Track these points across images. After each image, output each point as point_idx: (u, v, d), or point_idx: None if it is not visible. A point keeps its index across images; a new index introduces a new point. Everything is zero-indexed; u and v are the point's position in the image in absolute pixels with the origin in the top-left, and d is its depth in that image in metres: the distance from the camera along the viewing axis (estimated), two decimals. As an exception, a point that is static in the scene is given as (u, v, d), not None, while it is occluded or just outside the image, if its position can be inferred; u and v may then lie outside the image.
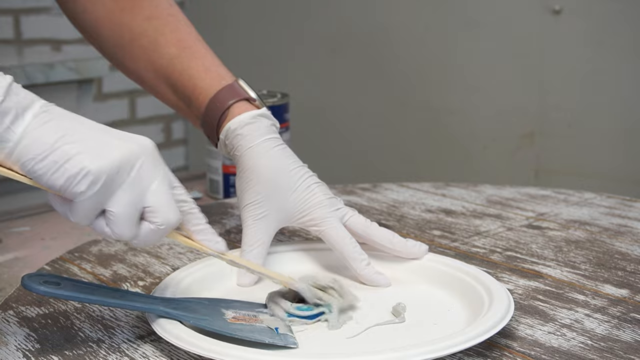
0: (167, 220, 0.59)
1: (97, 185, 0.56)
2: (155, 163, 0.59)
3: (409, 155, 1.87)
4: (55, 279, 0.61)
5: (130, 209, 0.58)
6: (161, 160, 0.60)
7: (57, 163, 0.55)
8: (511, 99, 1.69)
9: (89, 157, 0.55)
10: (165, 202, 0.59)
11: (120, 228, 0.58)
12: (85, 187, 0.55)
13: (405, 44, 1.83)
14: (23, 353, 0.62)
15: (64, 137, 0.56)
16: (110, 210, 0.57)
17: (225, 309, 0.65)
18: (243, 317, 0.64)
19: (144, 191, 0.58)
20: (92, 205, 0.57)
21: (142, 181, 0.58)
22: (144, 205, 0.58)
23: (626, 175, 1.55)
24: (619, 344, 0.62)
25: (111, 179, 0.56)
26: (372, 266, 0.73)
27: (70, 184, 0.55)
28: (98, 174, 0.55)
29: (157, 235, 0.60)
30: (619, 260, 0.81)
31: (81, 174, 0.55)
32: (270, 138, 0.77)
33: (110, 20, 0.85)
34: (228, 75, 0.82)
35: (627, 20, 1.51)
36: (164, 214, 0.59)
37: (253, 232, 0.75)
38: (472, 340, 0.58)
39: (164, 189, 0.59)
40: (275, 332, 0.62)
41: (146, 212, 0.59)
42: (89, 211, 0.57)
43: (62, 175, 0.55)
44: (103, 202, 0.57)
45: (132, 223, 0.58)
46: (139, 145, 0.58)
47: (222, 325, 0.62)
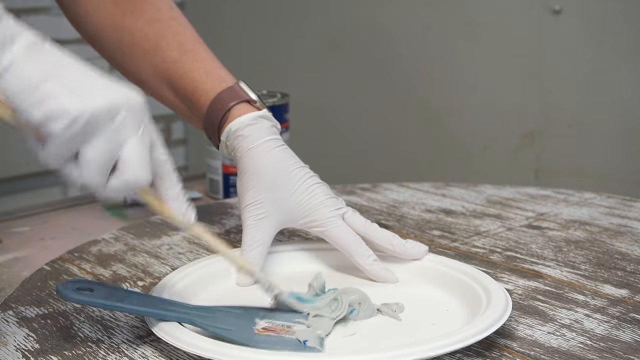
0: (136, 176, 0.58)
1: (74, 126, 0.54)
2: (139, 118, 0.58)
3: (409, 155, 1.87)
4: (88, 284, 0.61)
5: (103, 157, 0.56)
6: (146, 115, 0.59)
7: (38, 100, 0.54)
8: (511, 99, 1.69)
9: (72, 98, 0.54)
10: (139, 159, 0.58)
11: (89, 174, 0.56)
12: (61, 127, 0.54)
13: (406, 44, 1.83)
14: (22, 353, 0.62)
15: (50, 74, 0.55)
16: (83, 153, 0.56)
17: (260, 318, 0.64)
18: (274, 328, 0.63)
19: (120, 143, 0.57)
20: (66, 146, 0.55)
21: (121, 133, 0.57)
22: (117, 158, 0.57)
23: (626, 175, 1.55)
24: (619, 344, 0.62)
25: (90, 123, 0.55)
26: (379, 262, 0.74)
27: (48, 121, 0.54)
28: (78, 116, 0.54)
29: (124, 189, 0.58)
30: (618, 260, 0.81)
31: (60, 113, 0.54)
32: (271, 139, 0.77)
33: (112, 23, 0.85)
34: (229, 78, 0.82)
35: (627, 20, 1.51)
36: (134, 169, 0.58)
37: (253, 232, 0.75)
38: (469, 339, 0.58)
39: (141, 146, 0.58)
40: (302, 344, 0.61)
41: (119, 164, 0.57)
42: (62, 152, 0.56)
43: (41, 112, 0.54)
44: (77, 145, 0.56)
45: (102, 171, 0.57)
46: (126, 96, 0.57)
47: (245, 336, 0.61)
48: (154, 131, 0.60)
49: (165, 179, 0.62)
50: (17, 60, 0.54)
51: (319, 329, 0.63)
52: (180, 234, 0.91)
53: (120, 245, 0.88)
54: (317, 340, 0.61)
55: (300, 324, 0.64)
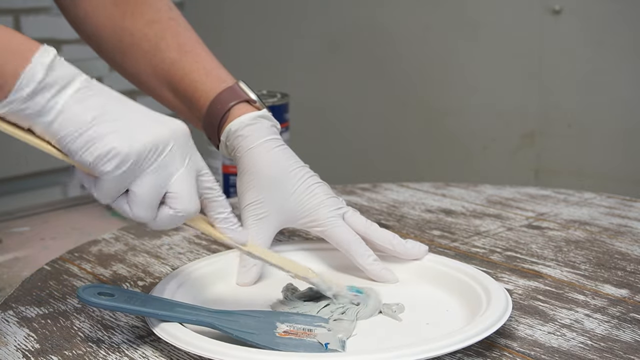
0: (185, 208, 0.60)
1: (124, 166, 0.57)
2: (184, 149, 0.60)
3: (409, 155, 1.87)
4: (109, 289, 0.62)
5: (152, 192, 0.59)
6: (192, 146, 0.61)
7: (89, 141, 0.56)
8: (511, 99, 1.69)
9: (120, 138, 0.57)
10: (187, 191, 0.60)
11: (139, 209, 0.59)
12: (112, 167, 0.57)
13: (406, 44, 1.83)
14: (23, 353, 0.62)
15: (100, 115, 0.57)
16: (133, 190, 0.58)
17: (281, 322, 0.64)
18: (295, 332, 0.63)
19: (168, 177, 0.59)
20: (117, 185, 0.58)
21: (168, 167, 0.59)
22: (166, 191, 0.59)
23: (626, 175, 1.55)
24: (619, 344, 0.62)
25: (139, 161, 0.57)
26: (379, 262, 0.74)
27: (99, 163, 0.57)
28: (126, 156, 0.57)
29: (175, 221, 0.61)
30: (618, 260, 0.81)
31: (110, 154, 0.56)
32: (271, 139, 0.77)
33: (111, 24, 0.85)
34: (228, 78, 0.82)
35: (627, 20, 1.51)
36: (184, 202, 0.60)
37: (253, 232, 0.75)
38: (470, 339, 0.58)
39: (188, 178, 0.60)
40: (323, 347, 0.61)
41: (167, 198, 0.60)
42: (113, 190, 0.58)
43: (93, 153, 0.57)
44: (127, 182, 0.58)
45: (152, 206, 0.59)
46: (171, 129, 0.59)
47: (267, 339, 0.61)
48: (200, 158, 0.62)
49: (214, 204, 0.64)
50: (69, 104, 0.57)
51: (340, 332, 0.63)
52: (181, 234, 0.91)
53: (120, 245, 0.88)
54: (338, 343, 0.61)
55: (321, 327, 0.64)
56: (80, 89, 0.57)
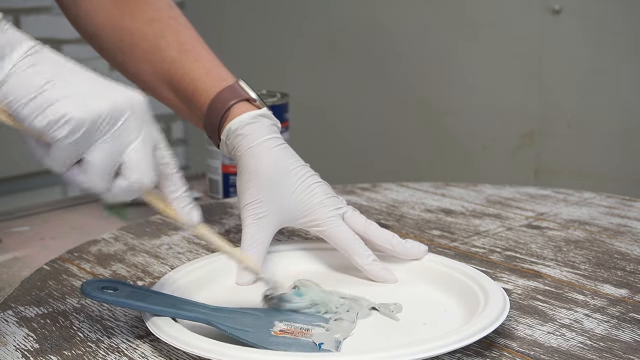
0: (140, 179, 0.58)
1: (78, 133, 0.55)
2: (141, 119, 0.58)
3: (409, 155, 1.87)
4: (112, 284, 0.62)
5: (107, 162, 0.57)
6: (149, 117, 0.59)
7: (41, 107, 0.54)
8: (511, 99, 1.69)
9: (74, 103, 0.55)
10: (143, 162, 0.58)
11: (94, 179, 0.57)
12: (65, 133, 0.55)
13: (405, 44, 1.83)
14: (22, 353, 0.62)
15: (51, 82, 0.55)
16: (87, 160, 0.57)
17: (280, 321, 0.64)
18: (292, 331, 0.63)
19: (124, 147, 0.57)
20: (70, 153, 0.56)
21: (124, 136, 0.57)
22: (121, 161, 0.58)
23: (626, 175, 1.55)
24: (619, 344, 0.62)
25: (93, 129, 0.55)
26: (378, 262, 0.74)
27: (52, 129, 0.55)
28: (80, 122, 0.55)
29: (130, 192, 0.59)
30: (618, 260, 0.81)
31: (63, 120, 0.54)
32: (272, 138, 0.77)
33: (112, 24, 0.85)
34: (229, 77, 0.82)
35: (627, 21, 1.51)
36: (139, 173, 0.58)
37: (253, 232, 0.75)
38: (468, 339, 0.58)
39: (145, 148, 0.58)
40: (317, 347, 0.61)
41: (123, 168, 0.58)
42: (66, 158, 0.56)
43: (45, 119, 0.54)
44: (81, 151, 0.56)
45: (106, 175, 0.57)
46: (128, 98, 0.58)
47: (261, 338, 0.61)
48: (157, 132, 0.61)
49: (169, 180, 0.62)
50: (18, 69, 0.55)
51: (338, 332, 0.63)
52: (180, 234, 0.91)
53: (120, 245, 0.88)
54: (334, 343, 0.61)
55: (320, 327, 0.64)
56: (31, 53, 0.56)
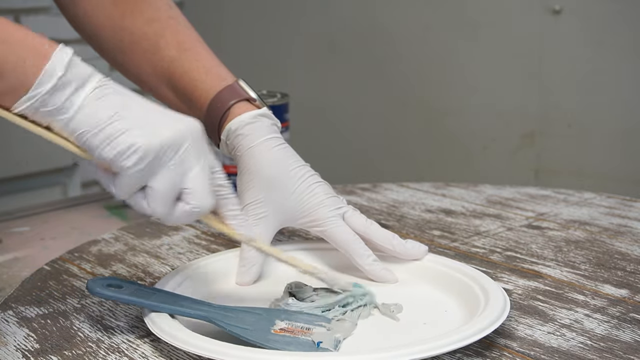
0: (201, 204, 0.61)
1: (144, 161, 0.58)
2: (200, 146, 0.61)
3: (409, 155, 1.87)
4: (117, 282, 0.64)
5: (169, 188, 0.60)
6: (206, 143, 0.62)
7: (109, 137, 0.58)
8: (511, 99, 1.69)
9: (140, 134, 0.58)
10: (203, 187, 0.61)
11: (157, 204, 0.60)
12: (132, 163, 0.58)
13: (405, 44, 1.83)
14: (22, 353, 0.62)
15: (119, 112, 0.58)
16: (151, 186, 0.59)
17: (282, 319, 0.64)
18: (292, 329, 0.63)
19: (185, 173, 0.60)
20: (136, 180, 0.59)
21: (185, 163, 0.60)
22: (182, 187, 0.61)
23: (626, 175, 1.55)
24: (619, 344, 0.62)
25: (158, 157, 0.59)
26: (378, 262, 0.74)
27: (120, 158, 0.58)
28: (147, 151, 0.58)
29: (190, 216, 0.62)
30: (618, 260, 0.81)
31: (131, 150, 0.58)
32: (271, 137, 0.77)
33: (111, 23, 0.85)
34: (228, 76, 0.82)
35: (627, 20, 1.51)
36: (199, 198, 0.61)
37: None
38: (468, 339, 0.58)
39: (204, 174, 0.61)
40: (315, 345, 0.61)
41: (184, 194, 0.61)
42: (132, 185, 0.59)
43: (114, 149, 0.58)
44: (146, 178, 0.59)
45: (168, 201, 0.60)
46: (187, 127, 0.61)
47: (260, 336, 0.61)
48: (213, 156, 0.64)
49: (226, 202, 0.66)
50: (88, 100, 0.58)
51: (338, 332, 0.63)
52: (180, 234, 0.91)
53: (120, 245, 0.88)
54: (333, 342, 0.61)
55: (321, 326, 0.64)
56: (99, 86, 0.59)
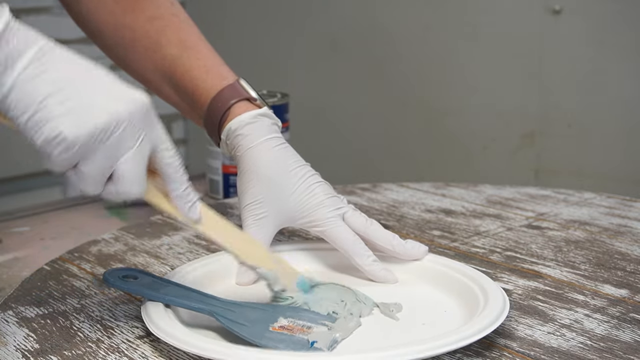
0: (128, 190, 0.60)
1: (70, 151, 0.56)
2: (139, 127, 0.59)
3: (409, 155, 1.87)
4: (133, 272, 0.66)
5: (99, 172, 0.58)
6: (151, 120, 0.60)
7: (38, 124, 0.55)
8: (511, 99, 1.69)
9: (69, 121, 0.56)
10: (133, 173, 0.59)
11: (86, 185, 0.59)
12: (57, 152, 0.56)
13: (405, 44, 1.83)
14: (22, 353, 0.62)
15: (52, 94, 0.55)
16: (80, 169, 0.58)
17: (285, 317, 0.64)
18: (292, 327, 0.63)
19: (116, 157, 0.58)
20: (65, 163, 0.57)
21: (118, 148, 0.58)
22: (112, 170, 0.59)
23: (626, 175, 1.55)
24: (619, 344, 0.62)
25: (86, 145, 0.56)
26: (378, 263, 0.74)
27: (46, 146, 0.56)
28: (73, 142, 0.56)
29: (119, 198, 0.60)
30: (618, 260, 0.81)
31: (57, 140, 0.56)
32: (271, 137, 0.77)
33: (113, 21, 0.85)
34: (229, 75, 0.82)
35: (627, 20, 1.51)
36: (127, 184, 0.59)
37: (253, 232, 0.75)
38: (468, 339, 0.58)
39: (137, 158, 0.59)
40: (308, 344, 0.60)
41: (113, 176, 0.59)
42: (62, 166, 0.58)
43: (40, 136, 0.56)
44: (75, 161, 0.58)
45: (97, 183, 0.59)
46: (128, 106, 0.58)
47: (255, 333, 0.61)
48: (160, 132, 0.61)
49: (170, 179, 0.63)
50: (20, 80, 0.55)
51: (338, 331, 0.63)
52: (180, 234, 0.91)
53: (120, 245, 0.88)
54: (328, 342, 0.61)
55: (323, 325, 0.64)
56: (32, 62, 0.56)
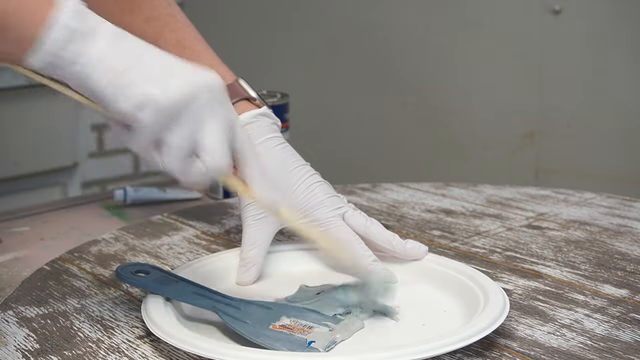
0: (216, 163, 0.58)
1: (159, 115, 0.55)
2: (218, 101, 0.58)
3: (409, 155, 1.87)
4: (145, 268, 0.67)
5: (184, 144, 0.57)
6: (226, 98, 0.59)
7: (124, 89, 0.55)
8: (511, 99, 1.69)
9: (155, 85, 0.56)
10: (218, 145, 0.58)
11: (170, 160, 0.57)
12: (147, 116, 0.55)
13: (405, 44, 1.83)
14: (22, 353, 0.62)
15: (134, 64, 0.56)
16: (165, 141, 0.57)
17: (288, 316, 0.64)
18: (293, 326, 0.63)
19: (201, 128, 0.57)
20: (151, 134, 0.56)
21: (201, 118, 0.57)
22: (198, 143, 0.58)
23: (626, 175, 1.55)
24: (619, 344, 0.62)
25: (173, 111, 0.56)
26: (378, 262, 0.74)
27: (135, 110, 0.55)
28: (162, 104, 0.55)
29: (205, 175, 0.58)
30: (618, 260, 0.81)
31: (148, 102, 0.55)
32: (271, 137, 0.77)
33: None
34: (228, 75, 0.82)
35: (627, 21, 1.51)
36: (215, 156, 0.58)
37: (253, 232, 0.75)
38: (468, 339, 0.58)
39: (220, 131, 0.58)
40: (305, 344, 0.60)
41: (199, 151, 0.58)
42: (146, 139, 0.57)
43: (127, 100, 0.55)
44: (160, 132, 0.57)
45: (183, 157, 0.57)
46: (205, 80, 0.58)
47: (254, 331, 0.61)
48: (233, 112, 0.61)
49: (247, 160, 0.62)
50: (101, 52, 0.55)
51: (339, 332, 0.63)
52: (180, 234, 0.91)
53: (120, 245, 0.88)
54: (326, 342, 0.61)
55: (325, 326, 0.64)
56: (111, 36, 0.56)
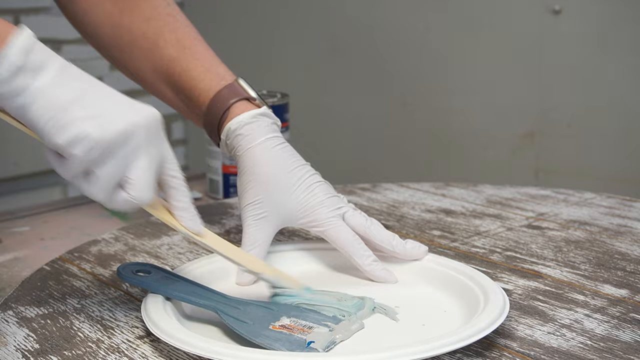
0: (140, 196, 0.61)
1: (93, 152, 0.58)
2: (152, 138, 0.61)
3: (409, 155, 1.87)
4: (146, 267, 0.67)
5: (111, 177, 0.60)
6: (160, 134, 0.62)
7: (63, 124, 0.57)
8: (511, 99, 1.69)
9: (93, 124, 0.57)
10: (144, 179, 0.61)
11: (97, 190, 0.60)
12: (81, 152, 0.57)
13: (406, 44, 1.83)
14: (22, 353, 0.62)
15: (75, 100, 0.58)
16: (95, 173, 0.59)
17: (289, 316, 0.64)
18: (292, 327, 0.63)
19: (130, 164, 0.60)
20: (82, 167, 0.59)
21: (132, 155, 0.60)
22: (125, 175, 0.60)
23: (626, 175, 1.55)
24: (619, 344, 0.62)
25: (107, 149, 0.58)
26: (378, 262, 0.74)
27: (69, 146, 0.57)
28: (97, 142, 0.58)
29: (129, 205, 0.61)
30: (618, 260, 0.81)
31: (83, 140, 0.57)
32: (271, 137, 0.77)
33: (110, 22, 0.85)
34: (228, 75, 0.82)
35: (627, 21, 1.51)
36: (139, 189, 0.61)
37: (253, 232, 0.75)
38: (468, 339, 0.58)
39: (149, 166, 0.61)
40: (304, 345, 0.60)
41: (125, 182, 0.60)
42: (77, 171, 0.59)
43: (63, 136, 0.57)
44: (92, 165, 0.59)
45: (109, 188, 0.60)
46: (144, 118, 0.60)
47: (254, 331, 0.61)
48: (167, 146, 0.63)
49: (174, 191, 0.65)
50: (45, 87, 0.57)
51: (339, 333, 0.63)
52: (180, 234, 0.91)
53: (120, 245, 0.88)
54: (325, 343, 0.61)
55: (325, 326, 0.64)
56: (58, 72, 0.58)
